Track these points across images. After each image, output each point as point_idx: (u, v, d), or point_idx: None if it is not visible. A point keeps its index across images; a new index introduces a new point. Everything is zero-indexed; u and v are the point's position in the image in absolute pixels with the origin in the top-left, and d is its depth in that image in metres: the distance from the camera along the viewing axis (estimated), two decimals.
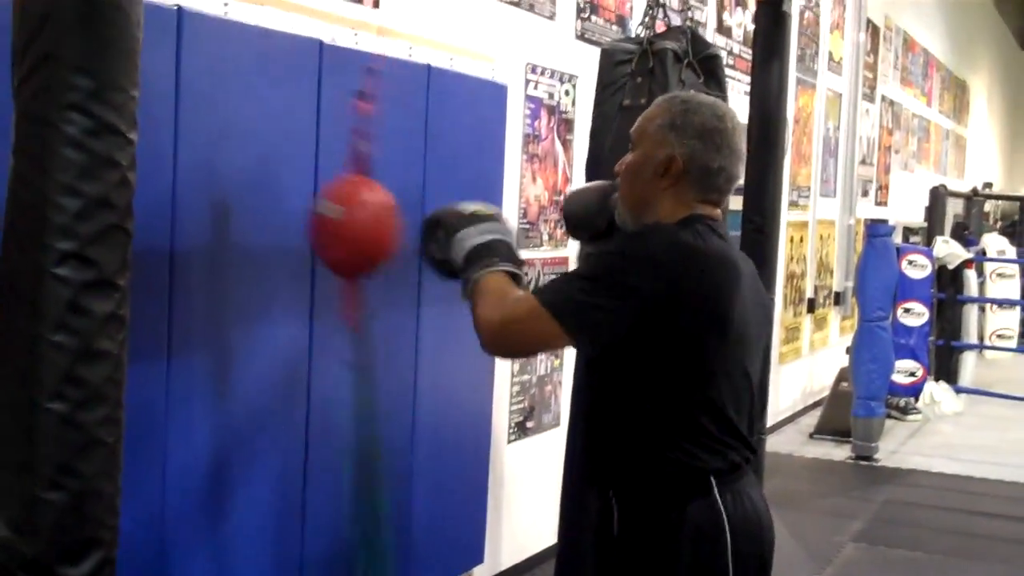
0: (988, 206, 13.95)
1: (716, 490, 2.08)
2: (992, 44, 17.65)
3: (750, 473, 2.17)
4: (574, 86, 4.92)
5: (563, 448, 5.04)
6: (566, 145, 4.90)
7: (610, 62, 3.55)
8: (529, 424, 4.80)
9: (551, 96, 4.76)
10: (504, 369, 4.56)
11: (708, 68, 3.57)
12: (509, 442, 4.67)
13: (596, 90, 3.42)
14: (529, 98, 4.60)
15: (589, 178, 3.30)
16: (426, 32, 3.96)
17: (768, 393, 2.27)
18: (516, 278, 2.19)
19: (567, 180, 4.92)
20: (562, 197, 4.87)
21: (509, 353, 2.44)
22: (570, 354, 5.34)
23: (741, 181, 2.24)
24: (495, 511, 4.54)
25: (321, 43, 3.33)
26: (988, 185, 13.07)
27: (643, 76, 3.38)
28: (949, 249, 8.25)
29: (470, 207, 2.30)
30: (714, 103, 2.18)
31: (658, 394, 2.07)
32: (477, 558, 4.39)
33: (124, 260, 1.81)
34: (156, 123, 2.79)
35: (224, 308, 3.09)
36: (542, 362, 4.86)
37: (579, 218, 2.48)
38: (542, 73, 4.68)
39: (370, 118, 2.82)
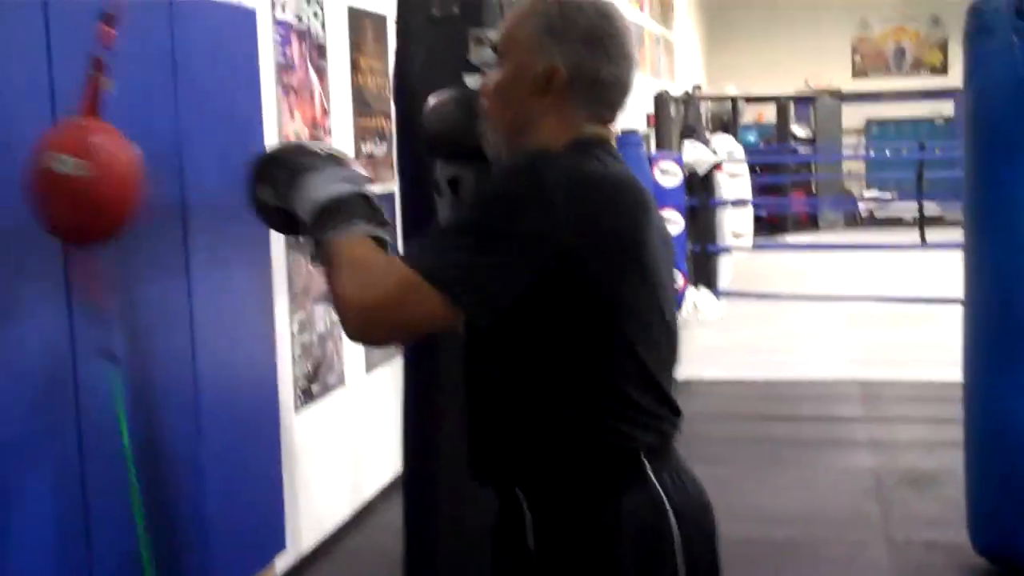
0: (701, 108, 14.17)
1: (651, 472, 1.70)
2: None
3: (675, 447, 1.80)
4: (322, 6, 4.40)
5: (350, 409, 4.62)
6: (320, 74, 4.39)
7: None
8: (315, 388, 4.32)
9: (300, 19, 4.22)
10: (283, 329, 4.05)
11: None
12: (296, 410, 4.18)
13: (397, 3, 2.91)
14: (278, 23, 4.05)
15: (399, 108, 2.83)
16: None
17: (680, 344, 1.86)
18: (382, 245, 1.72)
19: (325, 113, 4.41)
20: (322, 131, 4.37)
21: (381, 340, 1.87)
22: None
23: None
24: (290, 490, 4.06)
25: None
26: (697, 87, 13.23)
27: None
28: (698, 154, 8.18)
29: (317, 146, 1.82)
30: (595, 0, 1.77)
31: (569, 360, 1.66)
32: (279, 545, 3.91)
33: None
34: None
35: None
36: (321, 318, 4.37)
37: (445, 138, 1.99)
38: None
39: (112, 47, 2.30)
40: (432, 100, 2.04)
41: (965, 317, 3.75)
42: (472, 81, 2.51)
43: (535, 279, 1.60)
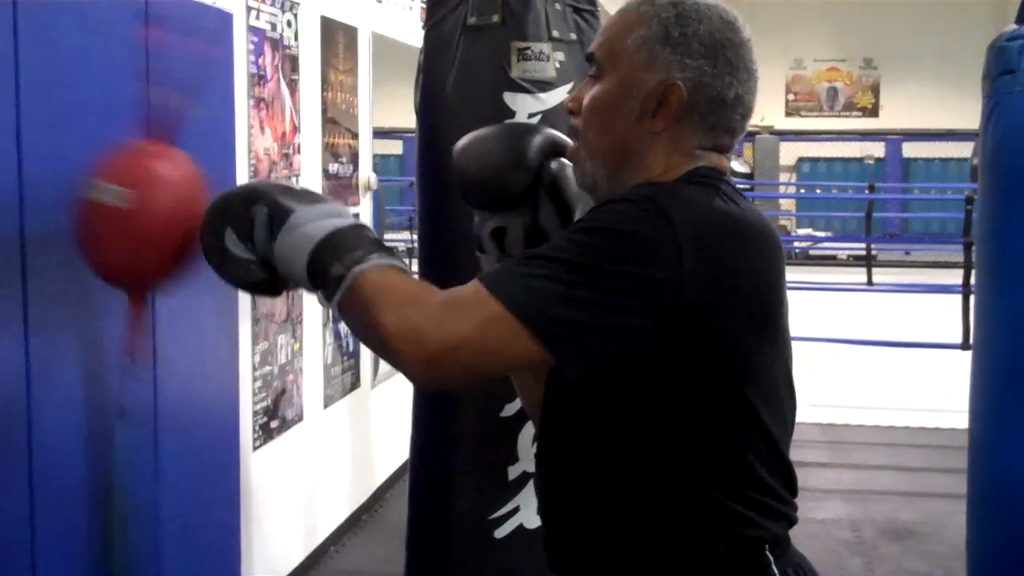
0: None
1: (775, 569, 1.43)
2: None
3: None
4: (296, 15, 4.11)
5: (307, 446, 4.32)
6: (292, 87, 4.09)
7: None
8: (273, 424, 4.01)
9: (274, 27, 3.93)
10: (246, 361, 3.74)
11: None
12: (255, 449, 3.86)
13: (426, 8, 2.56)
14: (252, 29, 3.76)
15: (425, 130, 2.51)
16: None
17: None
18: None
19: (295, 129, 4.12)
20: (292, 149, 4.08)
21: (455, 383, 1.53)
22: (314, 329, 4.67)
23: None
24: (246, 536, 3.74)
25: None
26: None
27: None
28: None
29: (283, 183, 1.53)
30: (718, 4, 1.49)
31: (686, 429, 1.39)
32: None
33: None
34: None
35: None
36: (283, 348, 4.06)
37: (488, 181, 1.62)
38: None
39: (166, 51, 1.96)
40: (466, 139, 1.68)
41: (974, 367, 3.55)
42: (515, 100, 2.20)
43: (653, 328, 1.33)
